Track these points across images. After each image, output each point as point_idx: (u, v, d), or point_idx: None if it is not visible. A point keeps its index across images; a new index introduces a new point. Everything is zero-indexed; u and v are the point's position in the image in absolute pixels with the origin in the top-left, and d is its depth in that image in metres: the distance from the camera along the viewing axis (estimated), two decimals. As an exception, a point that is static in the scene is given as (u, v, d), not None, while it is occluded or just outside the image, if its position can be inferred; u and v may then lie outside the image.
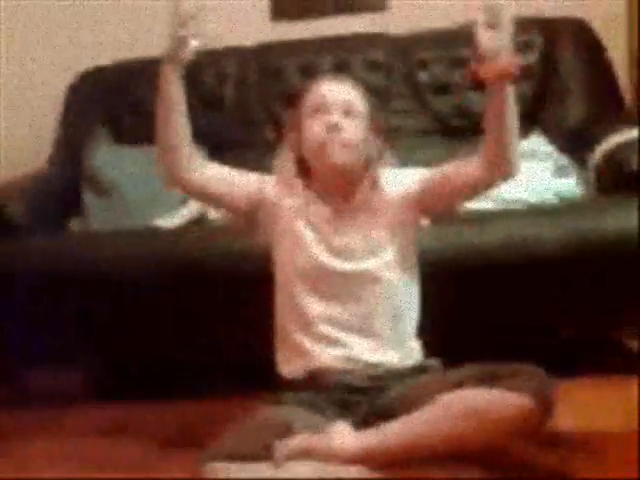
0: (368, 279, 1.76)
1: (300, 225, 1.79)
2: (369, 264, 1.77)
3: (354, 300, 1.75)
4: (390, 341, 1.76)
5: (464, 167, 1.75)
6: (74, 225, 2.72)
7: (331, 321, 1.75)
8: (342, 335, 1.74)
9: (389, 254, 1.79)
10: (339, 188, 1.81)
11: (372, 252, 1.78)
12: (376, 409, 1.68)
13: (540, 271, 2.12)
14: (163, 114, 1.76)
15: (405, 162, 2.69)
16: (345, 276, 1.76)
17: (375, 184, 1.81)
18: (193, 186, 1.83)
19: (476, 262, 2.13)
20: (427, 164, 2.74)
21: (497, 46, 1.60)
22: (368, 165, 1.82)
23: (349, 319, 1.75)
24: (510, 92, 1.65)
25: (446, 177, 1.79)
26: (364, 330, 1.75)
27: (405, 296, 1.80)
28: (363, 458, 1.55)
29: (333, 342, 1.74)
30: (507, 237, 2.15)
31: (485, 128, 1.69)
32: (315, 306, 1.75)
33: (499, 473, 1.56)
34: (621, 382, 2.06)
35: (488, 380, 1.55)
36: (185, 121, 1.77)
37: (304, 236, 1.78)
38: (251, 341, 2.09)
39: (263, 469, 1.51)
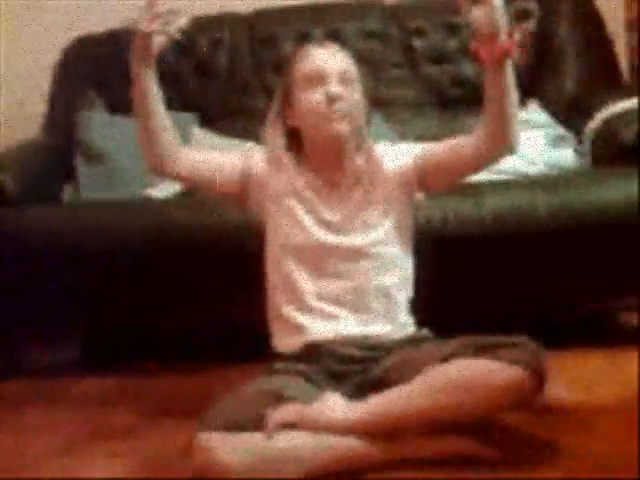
0: (361, 254, 1.75)
1: (291, 201, 1.77)
2: (362, 239, 1.76)
3: (346, 275, 1.74)
4: (382, 315, 1.75)
5: (463, 144, 1.74)
6: (66, 194, 2.70)
7: (323, 296, 1.74)
8: (334, 309, 1.73)
9: (383, 229, 1.77)
10: (332, 159, 1.79)
11: (366, 227, 1.77)
12: (369, 380, 1.68)
13: (535, 243, 2.12)
14: (140, 109, 1.74)
15: (401, 132, 2.73)
16: (338, 251, 1.75)
17: (370, 156, 1.80)
18: (178, 175, 1.81)
19: (472, 233, 2.12)
20: (423, 134, 2.77)
21: (493, 25, 1.57)
22: (360, 133, 1.80)
23: (341, 294, 1.74)
24: (509, 71, 1.63)
25: (445, 153, 1.77)
26: (356, 304, 1.74)
27: (398, 271, 1.79)
28: (354, 428, 1.55)
29: (326, 316, 1.73)
30: (502, 208, 2.14)
31: (485, 105, 1.67)
32: (307, 281, 1.74)
33: (491, 444, 1.56)
34: (618, 354, 2.06)
35: (480, 351, 1.55)
36: (163, 113, 1.75)
37: (295, 212, 1.77)
38: (244, 311, 2.07)
39: (255, 438, 1.51)
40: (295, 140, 1.81)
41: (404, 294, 1.80)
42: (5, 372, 2.39)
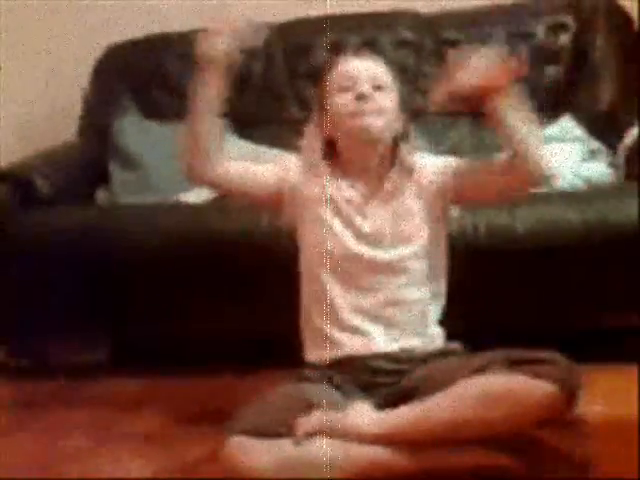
0: (395, 268, 1.74)
1: (327, 211, 1.76)
2: (398, 253, 1.74)
3: (379, 288, 1.73)
4: (413, 329, 1.74)
5: (497, 168, 1.73)
6: (100, 197, 2.73)
7: (356, 310, 1.73)
8: (366, 324, 1.72)
9: (418, 243, 1.76)
10: (368, 169, 1.78)
11: (402, 240, 1.75)
12: (398, 391, 1.67)
13: (568, 256, 2.11)
14: (197, 114, 1.73)
15: (434, 142, 2.72)
16: (371, 263, 1.73)
17: (407, 168, 1.79)
18: (216, 182, 1.81)
19: (504, 246, 2.11)
20: (456, 144, 2.77)
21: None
22: (396, 143, 1.80)
23: (372, 308, 1.72)
24: (507, 107, 1.61)
25: (481, 173, 1.76)
26: (387, 319, 1.73)
27: (431, 285, 1.78)
28: (383, 437, 1.55)
29: (358, 332, 1.72)
30: (536, 222, 2.13)
31: (503, 141, 1.67)
32: (340, 294, 1.73)
33: (521, 459, 1.54)
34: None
35: (512, 366, 1.54)
36: (218, 122, 1.75)
37: (331, 223, 1.75)
38: (274, 317, 2.09)
39: (284, 445, 1.51)
40: (332, 151, 1.81)
41: (436, 308, 1.79)
42: (32, 373, 2.41)
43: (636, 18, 2.82)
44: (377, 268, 1.74)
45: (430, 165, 1.81)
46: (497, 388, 1.52)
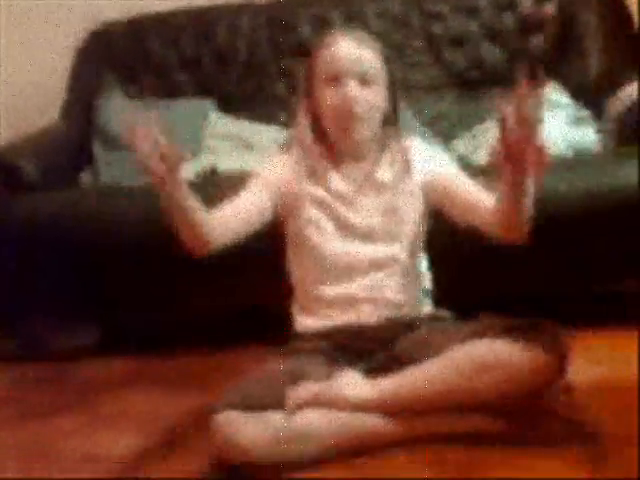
0: (387, 261, 1.74)
1: (318, 211, 1.74)
2: (390, 249, 1.74)
3: (370, 278, 1.73)
4: (400, 300, 1.75)
5: (484, 204, 1.65)
6: (85, 178, 2.72)
7: (347, 298, 1.73)
8: (353, 298, 1.73)
9: (409, 237, 1.75)
10: (359, 153, 1.77)
11: (393, 236, 1.74)
12: (388, 358, 1.67)
13: (556, 223, 2.10)
14: (174, 211, 1.60)
15: (420, 116, 2.71)
16: (364, 259, 1.73)
17: (401, 155, 1.76)
18: (223, 245, 1.71)
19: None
20: (441, 114, 2.75)
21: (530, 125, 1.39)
22: (386, 124, 1.77)
23: (362, 292, 1.73)
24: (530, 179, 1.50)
25: (468, 199, 1.69)
26: (376, 299, 1.73)
27: (416, 268, 1.79)
28: (373, 406, 1.55)
29: (346, 303, 1.72)
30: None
31: (500, 196, 1.57)
32: (331, 287, 1.73)
33: (512, 424, 1.55)
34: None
35: (502, 332, 1.54)
36: (202, 214, 1.63)
37: (322, 223, 1.74)
38: (261, 292, 2.08)
39: (275, 417, 1.51)
40: (322, 132, 1.77)
41: (420, 284, 1.80)
42: (24, 354, 2.41)
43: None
44: (368, 262, 1.73)
45: (430, 158, 1.78)
46: (487, 355, 1.52)
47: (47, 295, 2.36)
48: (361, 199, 1.75)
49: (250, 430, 1.49)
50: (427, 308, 1.79)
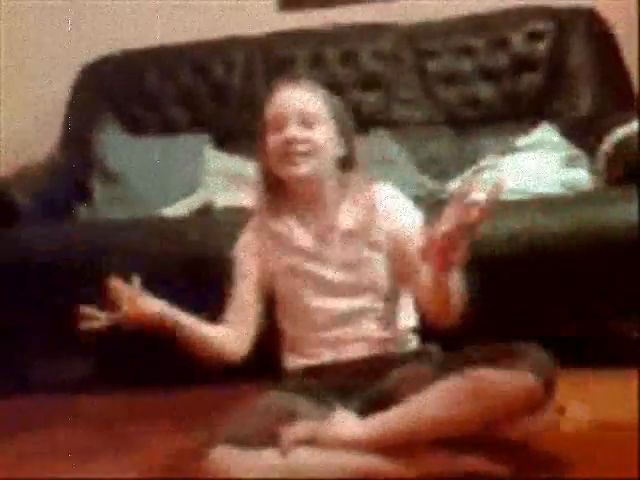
0: (364, 311, 1.73)
1: (291, 276, 1.75)
2: (365, 300, 1.74)
3: (352, 323, 1.73)
4: (387, 341, 1.75)
5: (421, 281, 1.59)
6: (81, 213, 2.72)
7: (332, 341, 1.72)
8: (336, 334, 1.73)
9: (383, 287, 1.74)
10: (320, 201, 1.75)
11: (366, 287, 1.74)
12: (377, 394, 1.67)
13: (549, 263, 2.11)
14: (188, 341, 1.73)
15: (413, 152, 2.73)
16: (344, 310, 1.73)
17: (366, 204, 1.74)
18: (247, 347, 1.76)
19: (485, 253, 2.11)
20: (435, 155, 2.78)
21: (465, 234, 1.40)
22: (341, 168, 1.76)
23: (346, 335, 1.72)
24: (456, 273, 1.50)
25: (411, 264, 1.64)
26: (362, 337, 1.73)
27: (398, 309, 1.79)
28: (367, 444, 1.55)
29: (330, 340, 1.73)
30: (515, 229, 2.14)
31: (427, 289, 1.55)
32: (316, 334, 1.74)
33: (502, 457, 1.55)
34: (622, 373, 2.03)
35: (488, 361, 1.54)
36: (214, 337, 1.74)
37: (297, 287, 1.75)
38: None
39: (269, 455, 1.51)
40: (276, 181, 1.77)
41: (406, 318, 1.79)
42: (16, 391, 2.40)
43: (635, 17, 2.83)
44: (347, 314, 1.73)
45: (395, 212, 1.75)
46: (475, 385, 1.52)
47: (37, 327, 2.36)
48: (327, 251, 1.75)
49: (244, 466, 1.49)
50: (413, 344, 1.79)
